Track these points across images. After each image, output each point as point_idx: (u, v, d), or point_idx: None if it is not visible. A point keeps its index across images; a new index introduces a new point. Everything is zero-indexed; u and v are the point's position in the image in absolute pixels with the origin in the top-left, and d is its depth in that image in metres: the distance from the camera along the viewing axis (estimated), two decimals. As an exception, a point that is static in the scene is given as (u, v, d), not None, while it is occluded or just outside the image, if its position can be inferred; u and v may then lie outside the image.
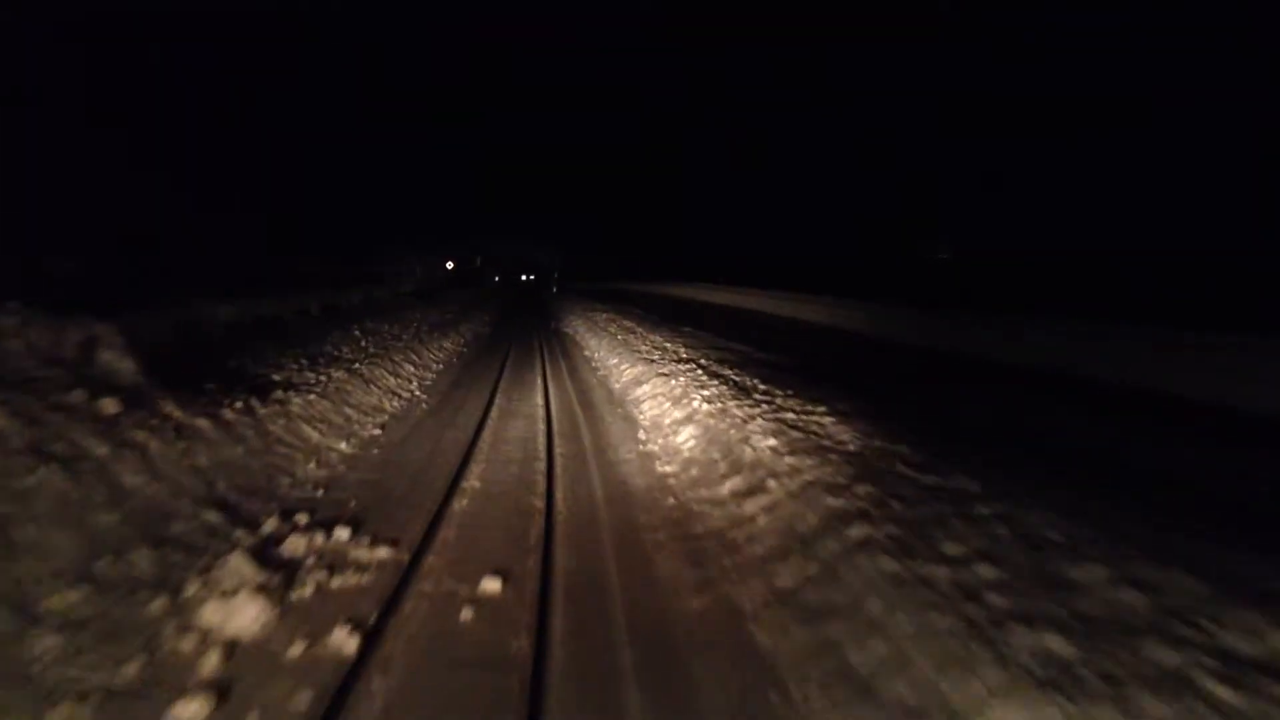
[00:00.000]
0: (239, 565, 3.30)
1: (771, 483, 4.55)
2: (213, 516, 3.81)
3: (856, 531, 3.50)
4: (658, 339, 12.57)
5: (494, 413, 7.92)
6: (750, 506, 4.44)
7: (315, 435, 5.66)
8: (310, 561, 3.67)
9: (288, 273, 18.62)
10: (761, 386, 7.58)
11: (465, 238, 44.24)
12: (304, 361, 7.93)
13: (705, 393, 7.28)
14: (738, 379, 8.10)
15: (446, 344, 13.34)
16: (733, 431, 5.79)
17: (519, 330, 19.42)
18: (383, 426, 6.73)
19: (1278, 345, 7.75)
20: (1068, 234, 22.57)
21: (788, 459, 4.82)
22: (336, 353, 9.12)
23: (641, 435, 6.82)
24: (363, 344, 10.13)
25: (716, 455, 5.56)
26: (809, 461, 4.67)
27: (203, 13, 25.80)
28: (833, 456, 4.75)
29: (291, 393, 6.20)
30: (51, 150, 19.35)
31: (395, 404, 7.70)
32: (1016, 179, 25.24)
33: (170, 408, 4.39)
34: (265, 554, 3.65)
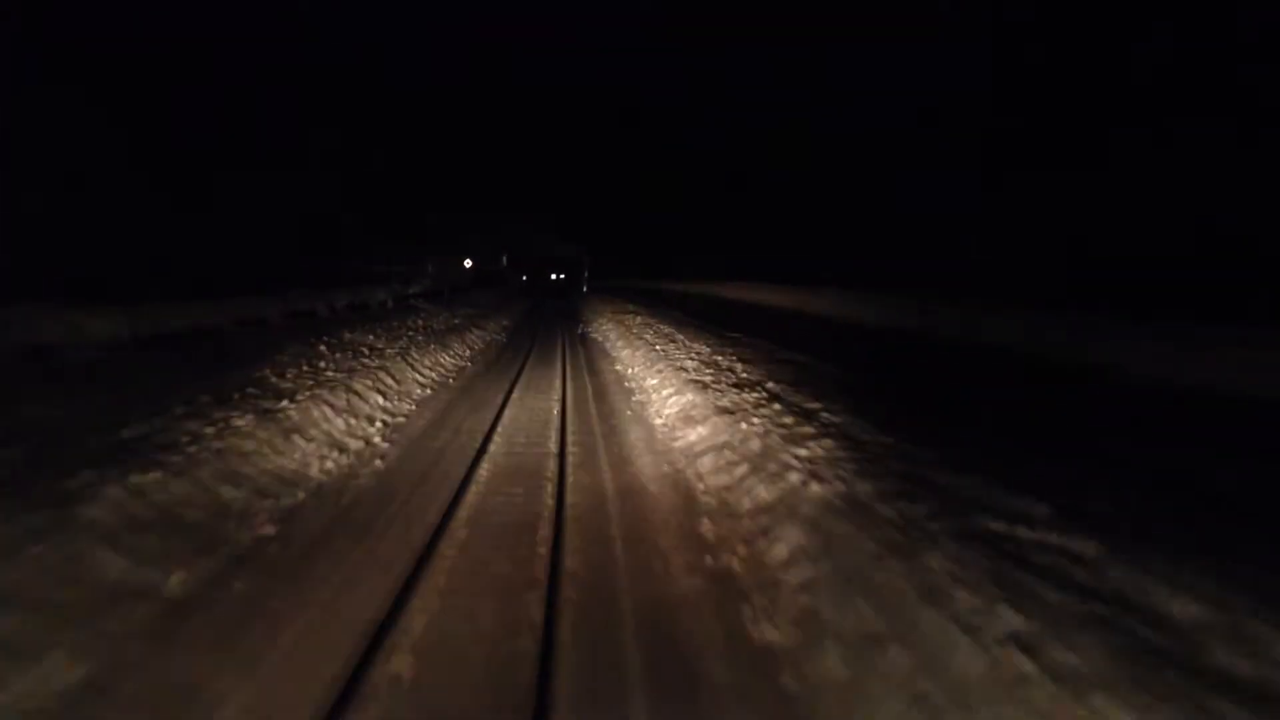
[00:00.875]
0: None
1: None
2: None
3: None
4: (703, 349, 9.71)
5: (483, 472, 5.20)
6: None
7: (116, 567, 2.96)
8: None
9: (285, 273, 16.26)
10: (884, 439, 4.75)
11: (480, 234, 41.83)
12: (206, 399, 5.28)
13: (802, 452, 4.47)
14: (837, 421, 5.27)
15: (445, 358, 10.64)
16: (897, 563, 2.98)
17: (540, 336, 16.47)
18: (283, 519, 3.87)
19: None
20: (1071, 233, 22.20)
21: (1066, 656, 2.01)
22: (277, 379, 6.47)
23: (706, 530, 4.04)
24: (321, 364, 7.43)
25: (867, 609, 2.75)
26: (1120, 668, 1.85)
27: (203, 12, 23.74)
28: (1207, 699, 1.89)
29: (114, 472, 3.51)
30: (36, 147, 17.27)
31: (329, 464, 4.92)
32: (1016, 177, 24.53)
33: None
34: None
